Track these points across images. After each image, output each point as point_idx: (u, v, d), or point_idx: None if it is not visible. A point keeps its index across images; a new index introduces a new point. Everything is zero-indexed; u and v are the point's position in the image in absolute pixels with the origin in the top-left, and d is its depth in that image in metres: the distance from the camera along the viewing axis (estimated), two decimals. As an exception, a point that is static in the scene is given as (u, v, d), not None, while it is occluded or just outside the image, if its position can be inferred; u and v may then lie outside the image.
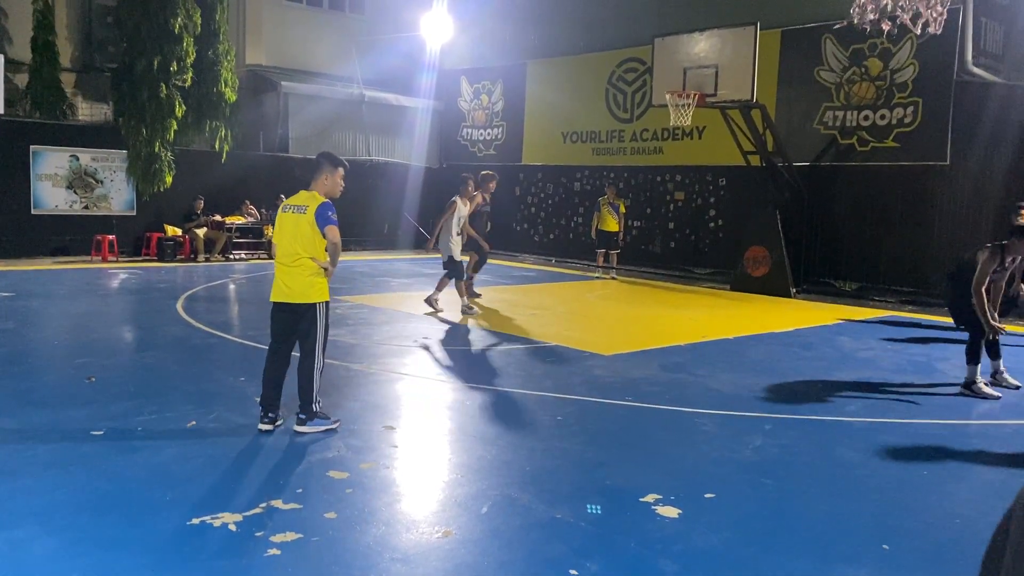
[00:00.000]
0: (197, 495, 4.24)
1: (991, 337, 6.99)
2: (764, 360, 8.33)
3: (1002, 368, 7.36)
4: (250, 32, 19.18)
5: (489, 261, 12.92)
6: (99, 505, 4.09)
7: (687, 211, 16.50)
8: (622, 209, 15.48)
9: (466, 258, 10.98)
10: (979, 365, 7.06)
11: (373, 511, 4.12)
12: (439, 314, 10.31)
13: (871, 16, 8.07)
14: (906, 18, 8.06)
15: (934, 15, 7.77)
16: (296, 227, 5.31)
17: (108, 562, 3.49)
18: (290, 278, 5.33)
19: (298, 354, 5.45)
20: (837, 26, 10.58)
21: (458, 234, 10.51)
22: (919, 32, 8.27)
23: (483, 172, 12.08)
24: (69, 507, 4.05)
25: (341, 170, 5.51)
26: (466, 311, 10.47)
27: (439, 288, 10.66)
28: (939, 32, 8.38)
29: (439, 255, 10.74)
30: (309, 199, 5.38)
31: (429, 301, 10.57)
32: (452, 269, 10.51)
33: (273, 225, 6.38)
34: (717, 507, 4.35)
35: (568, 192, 18.64)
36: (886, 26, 8.26)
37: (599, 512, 3.93)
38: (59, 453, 4.84)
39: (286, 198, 5.66)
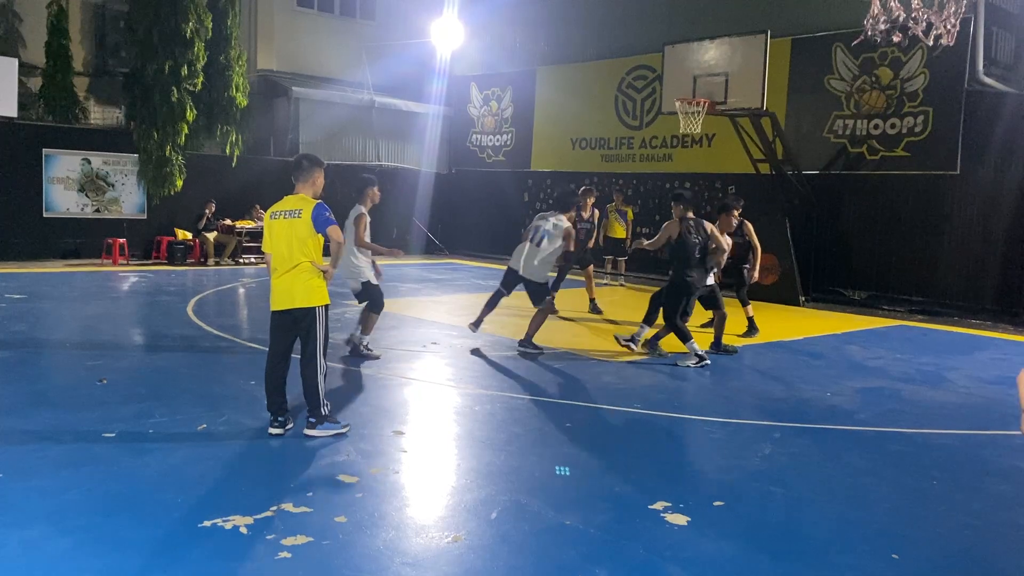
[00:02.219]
0: (208, 497, 4.26)
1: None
2: (773, 368, 8.32)
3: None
4: (261, 37, 19.28)
5: (497, 267, 12.98)
6: (111, 506, 4.11)
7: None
8: (630, 216, 15.49)
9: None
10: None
11: (383, 515, 4.14)
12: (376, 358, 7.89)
13: (884, 27, 8.07)
14: (918, 29, 8.07)
15: (947, 26, 7.77)
16: (291, 232, 5.29)
17: (119, 563, 3.51)
18: (291, 284, 5.31)
19: (299, 357, 5.44)
20: (855, 42, 10.58)
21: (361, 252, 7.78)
22: (931, 43, 8.27)
23: (583, 188, 11.56)
24: (81, 508, 4.07)
25: (322, 170, 5.59)
26: (364, 351, 7.91)
27: (367, 326, 7.96)
28: (952, 43, 8.38)
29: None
30: (300, 202, 5.37)
31: (356, 345, 7.94)
32: (372, 298, 7.87)
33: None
34: (726, 515, 4.34)
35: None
36: (897, 37, 8.27)
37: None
38: (71, 454, 4.88)
39: (263, 208, 5.59)
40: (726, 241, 9.05)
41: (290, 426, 5.44)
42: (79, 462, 4.74)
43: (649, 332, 8.71)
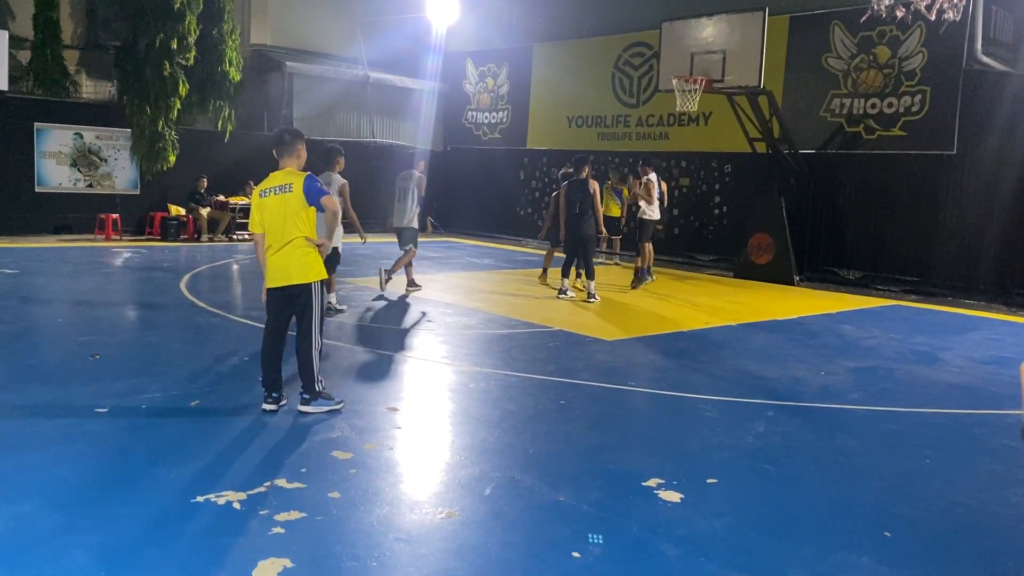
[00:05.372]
0: (201, 473, 4.26)
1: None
2: (767, 347, 8.33)
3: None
4: (255, 11, 19.06)
5: (492, 245, 12.98)
6: (103, 482, 4.11)
7: (692, 197, 16.45)
8: (625, 194, 15.44)
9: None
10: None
11: (377, 491, 4.14)
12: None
13: (888, 1, 8.02)
14: (921, 4, 8.01)
15: (953, 0, 7.71)
16: (284, 208, 5.23)
17: (112, 538, 3.50)
18: (286, 260, 5.26)
19: (294, 334, 5.42)
20: (864, 19, 10.50)
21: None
22: (935, 19, 8.22)
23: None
24: (73, 483, 4.06)
25: (305, 142, 5.53)
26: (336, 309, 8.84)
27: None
28: (957, 18, 8.33)
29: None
30: (288, 176, 5.30)
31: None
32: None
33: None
34: (719, 492, 4.36)
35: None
36: (900, 12, 8.22)
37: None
38: (64, 430, 4.86)
39: (256, 185, 5.49)
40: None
41: (284, 402, 5.43)
42: (72, 437, 4.73)
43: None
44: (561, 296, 10.66)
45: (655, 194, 12.08)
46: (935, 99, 13.10)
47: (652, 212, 12.06)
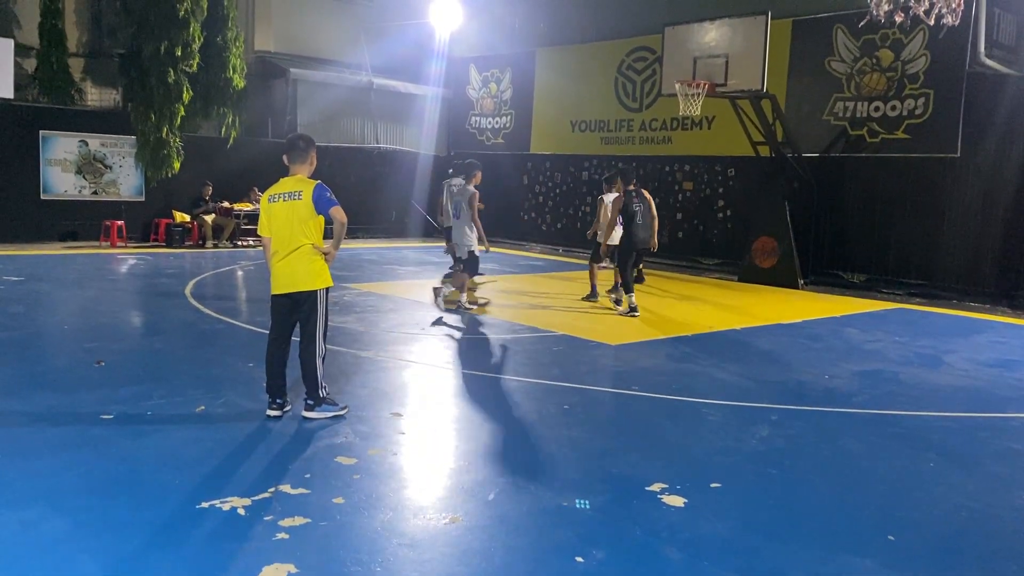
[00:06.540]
0: (206, 479, 4.27)
1: None
2: (771, 351, 8.33)
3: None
4: (259, 18, 19.14)
5: (496, 250, 13.04)
6: (109, 487, 4.12)
7: (695, 201, 16.45)
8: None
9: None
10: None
11: (381, 497, 4.15)
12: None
13: (887, 7, 8.03)
14: (920, 9, 8.02)
15: (952, 5, 7.71)
16: (292, 214, 5.26)
17: (117, 544, 3.52)
18: (293, 267, 5.28)
19: (298, 340, 5.44)
20: (862, 23, 10.51)
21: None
22: (933, 23, 8.22)
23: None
24: (79, 489, 4.08)
25: (316, 149, 5.56)
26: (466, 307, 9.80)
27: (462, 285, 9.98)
28: (956, 23, 8.33)
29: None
30: (299, 184, 5.33)
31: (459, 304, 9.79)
32: (471, 265, 9.86)
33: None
34: (723, 497, 4.36)
35: (576, 181, 18.60)
36: (899, 17, 8.22)
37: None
38: (69, 436, 4.88)
39: (261, 191, 5.54)
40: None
41: (288, 408, 5.45)
42: (77, 443, 4.75)
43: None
44: (620, 312, 10.06)
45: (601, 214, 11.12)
46: (938, 102, 13.09)
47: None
